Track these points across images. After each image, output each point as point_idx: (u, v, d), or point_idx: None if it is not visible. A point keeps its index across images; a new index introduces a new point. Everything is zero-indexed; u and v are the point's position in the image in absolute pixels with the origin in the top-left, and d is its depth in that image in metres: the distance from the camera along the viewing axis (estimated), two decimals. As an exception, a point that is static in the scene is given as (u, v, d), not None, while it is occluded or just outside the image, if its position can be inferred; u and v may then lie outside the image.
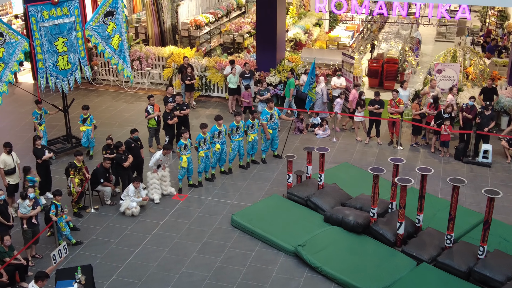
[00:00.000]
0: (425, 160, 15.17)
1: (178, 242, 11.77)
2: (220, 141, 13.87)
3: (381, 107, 15.77)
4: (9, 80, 13.13)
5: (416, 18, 24.13)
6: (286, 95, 17.49)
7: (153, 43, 22.43)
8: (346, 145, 16.11)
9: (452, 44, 23.47)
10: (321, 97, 16.96)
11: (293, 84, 17.34)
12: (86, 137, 14.85)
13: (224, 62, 18.95)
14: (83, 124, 14.76)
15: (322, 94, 16.94)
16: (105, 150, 13.35)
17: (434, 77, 17.15)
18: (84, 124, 14.76)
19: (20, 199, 11.06)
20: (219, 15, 24.45)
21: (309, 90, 15.88)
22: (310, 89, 15.89)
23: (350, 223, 11.49)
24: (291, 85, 17.29)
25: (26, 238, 11.12)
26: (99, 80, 20.65)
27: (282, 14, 19.06)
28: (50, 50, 13.74)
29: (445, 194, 13.13)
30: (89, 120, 14.79)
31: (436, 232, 11.34)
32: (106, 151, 13.32)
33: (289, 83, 17.37)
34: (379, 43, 22.72)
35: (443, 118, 15.07)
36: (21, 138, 16.24)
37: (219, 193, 13.64)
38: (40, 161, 12.85)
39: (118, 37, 14.80)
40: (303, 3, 26.18)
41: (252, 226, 11.93)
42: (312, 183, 13.09)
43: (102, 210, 12.92)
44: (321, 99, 17.00)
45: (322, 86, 16.97)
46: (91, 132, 14.85)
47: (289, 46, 21.87)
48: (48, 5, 13.44)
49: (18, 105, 18.59)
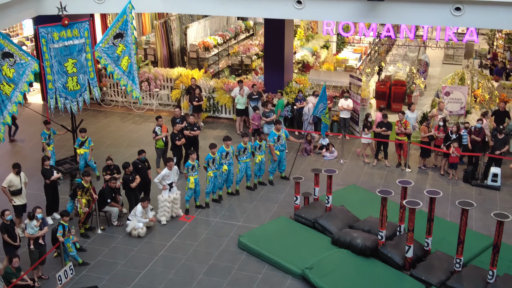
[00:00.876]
0: (434, 183, 15.09)
1: (185, 264, 11.70)
2: (227, 162, 13.87)
3: (389, 129, 15.75)
4: (18, 101, 13.19)
5: (423, 40, 24.26)
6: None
7: (162, 65, 22.61)
8: (353, 167, 16.07)
9: (459, 67, 23.53)
10: (308, 117, 17.02)
11: (282, 105, 17.39)
12: (83, 160, 14.86)
13: (232, 84, 19.05)
14: (80, 147, 14.77)
15: (309, 115, 16.99)
16: (105, 171, 13.37)
17: (442, 99, 17.14)
18: (81, 147, 14.77)
19: (28, 220, 11.05)
20: (228, 37, 24.66)
21: (322, 115, 15.88)
22: (323, 114, 15.88)
23: (358, 246, 11.40)
24: (279, 106, 17.36)
25: (32, 258, 11.09)
26: (108, 101, 20.79)
27: (290, 36, 19.19)
28: (60, 71, 13.86)
29: (454, 217, 13.03)
30: (87, 142, 14.82)
31: (445, 255, 11.23)
32: (106, 172, 13.35)
33: (278, 103, 17.42)
34: (387, 65, 22.79)
35: (451, 139, 15.03)
36: (30, 158, 16.31)
37: (226, 214, 13.59)
38: (48, 181, 12.87)
39: (127, 59, 14.92)
40: (311, 26, 26.36)
41: (259, 248, 11.85)
42: (319, 205, 13.03)
43: (109, 231, 12.90)
44: (307, 120, 17.11)
45: (310, 106, 17.01)
46: (89, 154, 14.87)
47: (297, 68, 21.98)
48: (58, 26, 13.59)
49: (27, 125, 18.71)
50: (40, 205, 12.33)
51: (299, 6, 15.03)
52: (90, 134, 17.64)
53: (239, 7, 15.74)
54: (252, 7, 15.61)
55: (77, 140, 14.83)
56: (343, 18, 15.71)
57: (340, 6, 14.83)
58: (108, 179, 12.99)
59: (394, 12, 14.53)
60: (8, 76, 12.84)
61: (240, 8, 15.83)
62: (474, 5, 13.79)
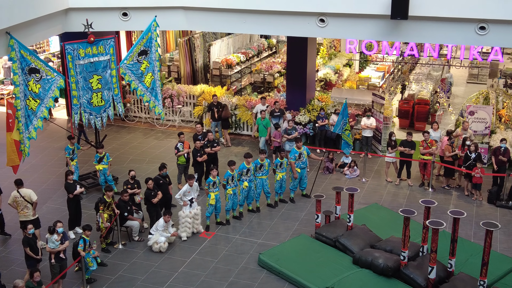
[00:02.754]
0: (457, 203, 14.88)
1: (204, 280, 11.67)
2: (248, 179, 13.87)
3: (412, 148, 15.61)
4: (44, 116, 13.40)
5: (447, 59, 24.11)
6: (263, 134, 17.29)
7: (185, 82, 22.81)
8: (375, 186, 15.93)
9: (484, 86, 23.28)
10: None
11: (268, 123, 17.20)
12: (103, 175, 14.94)
13: (254, 101, 19.11)
14: (98, 163, 14.85)
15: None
16: (126, 185, 13.43)
17: (466, 118, 16.97)
18: (100, 163, 14.84)
19: (48, 234, 11.14)
20: (250, 54, 24.82)
21: (342, 133, 15.77)
22: (343, 132, 15.77)
23: (379, 266, 11.25)
24: (267, 125, 17.21)
25: (53, 272, 11.15)
26: (131, 117, 21.00)
27: (312, 55, 19.23)
28: (85, 87, 14.05)
29: (478, 239, 12.81)
30: (105, 158, 14.91)
31: (468, 277, 11.01)
32: (127, 185, 13.41)
33: (258, 120, 17.37)
34: (410, 84, 22.67)
35: (470, 159, 14.84)
36: (54, 172, 16.51)
37: (246, 231, 13.55)
38: (71, 195, 12.99)
39: (151, 75, 15.09)
40: (334, 44, 26.40)
41: (279, 266, 11.77)
42: (341, 223, 12.92)
43: (130, 246, 12.95)
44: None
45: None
46: (108, 170, 14.98)
47: (319, 86, 21.98)
48: (84, 43, 13.82)
49: (52, 141, 18.97)
50: (63, 219, 12.46)
51: (322, 24, 15.07)
52: (113, 149, 17.89)
53: (262, 25, 15.84)
54: (275, 25, 15.71)
55: (95, 156, 14.95)
56: (366, 37, 15.69)
57: (363, 24, 14.84)
58: (121, 192, 13.04)
59: (418, 30, 14.47)
60: (34, 92, 13.07)
61: (263, 26, 15.93)
62: (499, 24, 13.67)
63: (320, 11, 14.88)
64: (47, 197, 14.93)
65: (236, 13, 15.70)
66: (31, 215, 12.41)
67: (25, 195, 12.34)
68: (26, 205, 12.35)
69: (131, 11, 15.83)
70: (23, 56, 12.63)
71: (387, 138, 16.56)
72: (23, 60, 12.66)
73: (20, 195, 12.31)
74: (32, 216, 12.42)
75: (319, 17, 15.00)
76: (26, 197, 12.33)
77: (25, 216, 12.37)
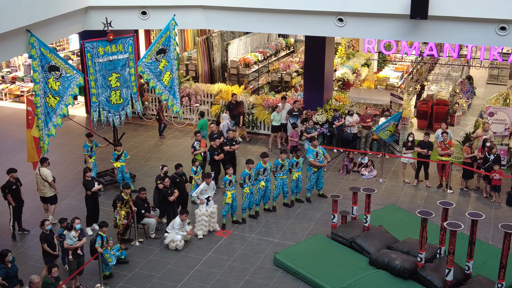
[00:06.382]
0: (476, 205, 14.73)
1: (220, 279, 11.69)
2: (264, 178, 13.87)
3: (430, 149, 15.48)
4: (63, 113, 13.53)
5: (467, 60, 23.88)
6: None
7: (203, 80, 22.87)
8: (393, 187, 15.83)
9: (504, 87, 23.01)
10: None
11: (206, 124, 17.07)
12: (120, 173, 15.06)
13: (271, 100, 19.10)
14: (116, 161, 14.96)
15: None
16: (159, 180, 13.44)
17: (486, 119, 16.78)
18: (118, 161, 14.95)
19: (66, 230, 11.25)
20: (268, 54, 24.80)
21: (381, 132, 15.92)
22: (382, 131, 15.96)
23: (396, 267, 11.18)
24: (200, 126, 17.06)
25: (71, 269, 11.27)
26: (149, 115, 21.11)
27: (330, 54, 19.16)
28: (104, 85, 14.16)
29: (496, 241, 12.67)
30: (123, 155, 15.00)
31: (486, 280, 10.90)
32: (160, 180, 13.41)
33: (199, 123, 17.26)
34: (429, 84, 22.47)
35: (489, 161, 14.68)
36: (72, 170, 16.66)
37: (262, 231, 13.56)
38: (89, 192, 13.10)
39: (169, 74, 15.16)
40: (352, 44, 26.28)
41: (295, 266, 11.76)
42: (357, 224, 12.86)
43: (147, 244, 13.02)
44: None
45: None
46: (125, 167, 15.07)
47: (337, 86, 21.89)
48: (103, 42, 13.92)
49: (70, 138, 19.15)
50: (81, 216, 12.57)
51: (340, 24, 15.01)
52: (131, 147, 18.00)
53: (280, 24, 15.82)
54: (293, 24, 15.68)
55: (113, 154, 15.06)
56: (385, 36, 15.59)
57: (382, 24, 14.75)
58: (138, 189, 13.10)
59: (437, 30, 14.34)
60: (54, 89, 13.20)
61: (281, 25, 15.91)
62: (521, 24, 13.51)
63: (338, 11, 14.82)
64: (66, 194, 15.06)
65: (254, 12, 15.71)
66: (47, 192, 13.42)
67: (43, 174, 13.26)
68: (43, 183, 13.32)
69: (150, 10, 15.91)
70: (43, 54, 12.77)
71: (405, 138, 16.46)
72: (43, 57, 12.80)
73: (39, 173, 13.27)
74: (50, 193, 13.48)
75: (338, 17, 14.94)
76: (43, 176, 13.24)
77: (42, 193, 13.46)
